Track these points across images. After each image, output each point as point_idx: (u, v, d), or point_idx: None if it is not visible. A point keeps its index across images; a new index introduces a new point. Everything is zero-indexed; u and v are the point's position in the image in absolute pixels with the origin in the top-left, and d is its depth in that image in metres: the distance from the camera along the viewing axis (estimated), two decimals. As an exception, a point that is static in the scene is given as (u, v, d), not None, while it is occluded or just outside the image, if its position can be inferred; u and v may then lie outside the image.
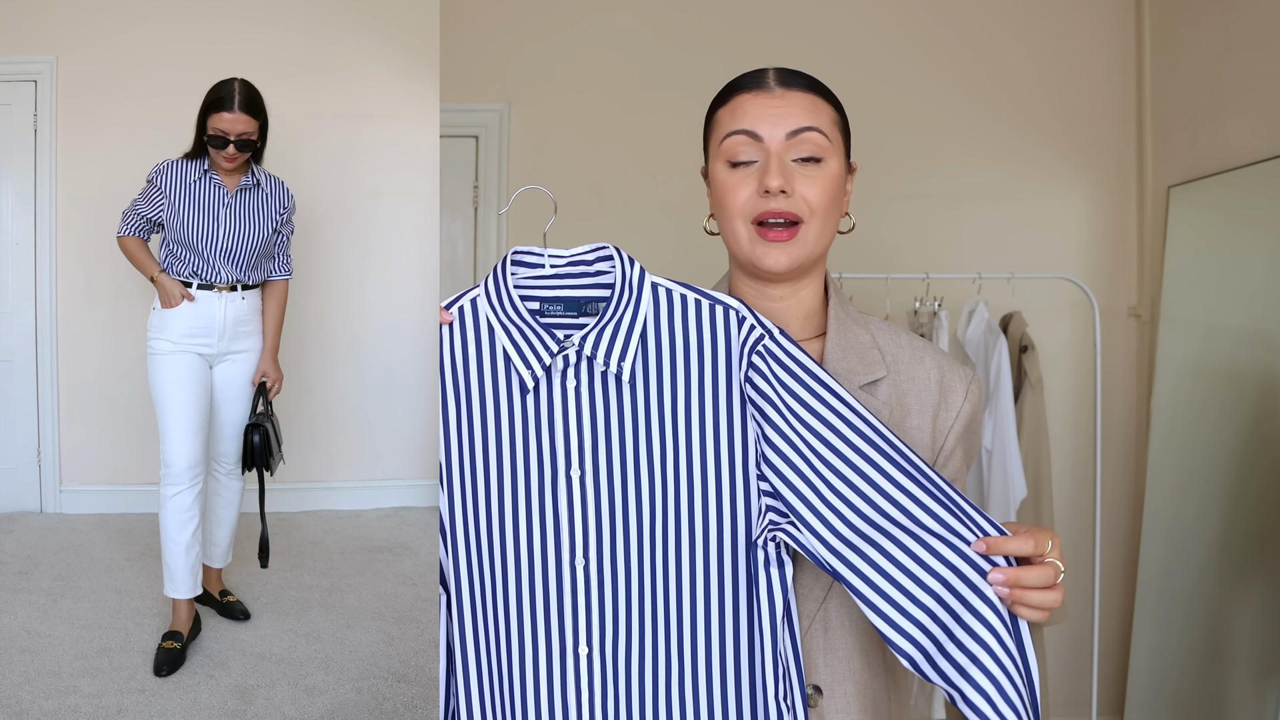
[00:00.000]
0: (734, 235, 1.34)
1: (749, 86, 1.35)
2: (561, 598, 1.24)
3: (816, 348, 1.39)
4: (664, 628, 1.24)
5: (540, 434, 1.26)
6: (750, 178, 1.32)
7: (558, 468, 1.25)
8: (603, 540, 1.24)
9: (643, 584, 1.24)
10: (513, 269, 1.32)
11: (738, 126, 1.32)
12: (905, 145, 3.63)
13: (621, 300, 1.26)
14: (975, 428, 1.41)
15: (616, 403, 1.26)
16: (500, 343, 1.28)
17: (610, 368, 1.24)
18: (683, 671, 1.24)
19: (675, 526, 1.24)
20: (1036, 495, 3.15)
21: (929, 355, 1.40)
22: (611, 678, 1.24)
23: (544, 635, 1.25)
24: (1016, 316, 3.22)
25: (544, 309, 1.33)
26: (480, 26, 3.66)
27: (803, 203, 1.30)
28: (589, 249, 1.32)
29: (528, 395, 1.26)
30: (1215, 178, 3.25)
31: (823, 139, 1.31)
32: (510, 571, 1.25)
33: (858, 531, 1.15)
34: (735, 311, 1.26)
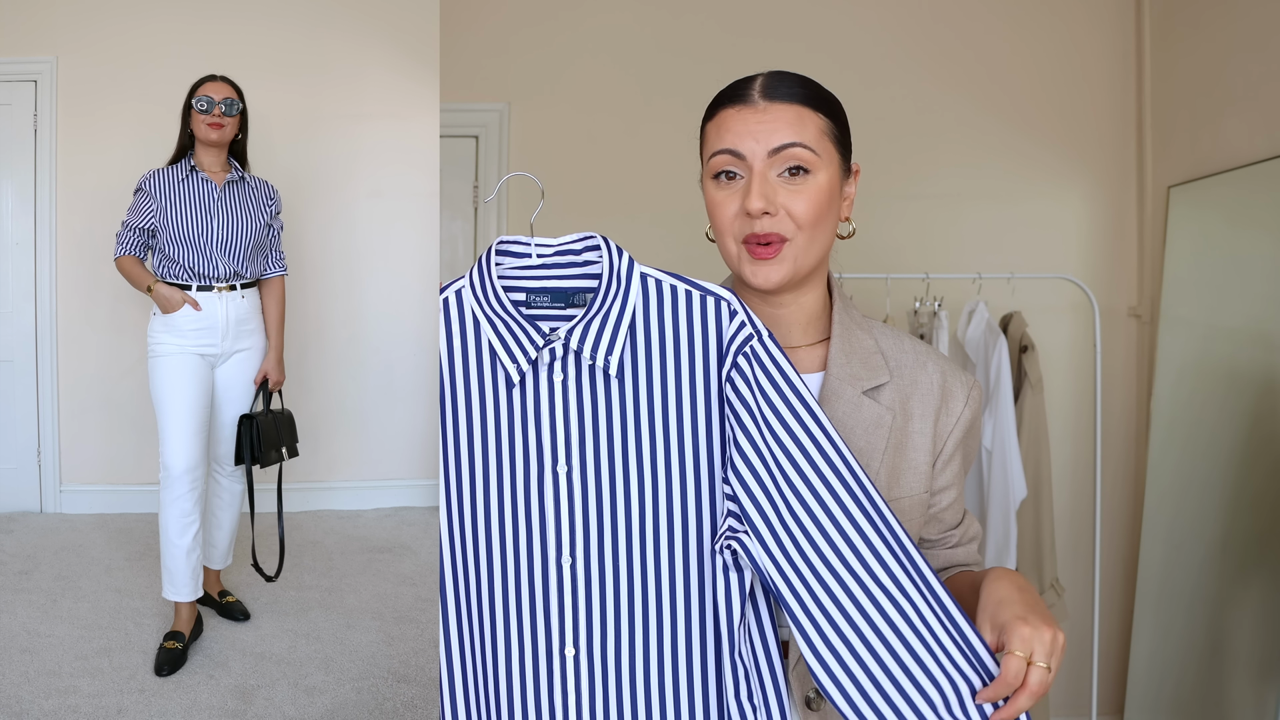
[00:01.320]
0: (726, 251, 1.34)
1: (733, 101, 1.32)
2: (548, 596, 1.22)
3: (820, 353, 1.38)
4: (650, 627, 1.22)
5: (527, 429, 1.23)
6: (735, 195, 1.30)
7: (544, 463, 1.23)
8: (589, 539, 1.22)
9: (631, 583, 1.22)
10: (498, 259, 1.29)
11: (721, 145, 1.31)
12: (905, 145, 3.62)
13: (609, 292, 1.24)
14: (975, 433, 1.41)
15: (605, 396, 1.23)
16: (486, 335, 1.25)
17: (597, 362, 1.22)
18: (662, 670, 1.23)
19: (662, 524, 1.22)
20: (1036, 495, 3.14)
21: (931, 360, 1.39)
22: (600, 677, 1.23)
23: (529, 634, 1.23)
24: (1016, 316, 3.22)
25: (530, 300, 1.29)
26: (480, 26, 3.66)
27: (787, 220, 1.28)
28: (577, 238, 1.28)
29: (514, 389, 1.24)
30: (1215, 178, 3.25)
31: (807, 153, 1.28)
32: (496, 569, 1.23)
33: (805, 559, 1.14)
34: (727, 304, 1.24)
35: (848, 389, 1.33)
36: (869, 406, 1.33)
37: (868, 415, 1.33)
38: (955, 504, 1.40)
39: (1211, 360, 3.17)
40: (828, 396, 1.33)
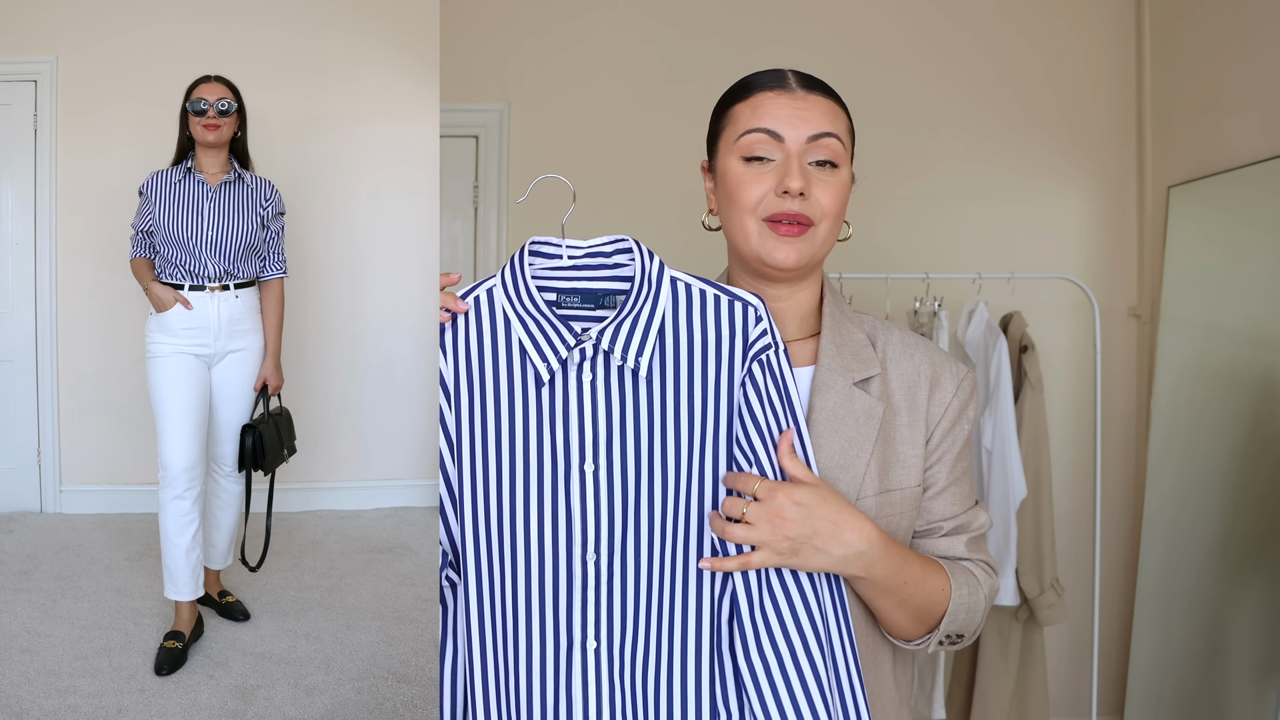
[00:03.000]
0: (741, 230, 1.33)
1: (771, 85, 1.34)
2: (571, 593, 1.24)
3: (812, 346, 1.39)
4: (676, 624, 1.24)
5: (555, 428, 1.25)
6: (767, 176, 1.31)
7: (571, 462, 1.24)
8: (614, 536, 1.24)
9: (651, 581, 1.24)
10: (530, 259, 1.31)
11: (759, 124, 1.32)
12: (906, 145, 3.62)
13: (640, 294, 1.26)
14: (966, 424, 1.40)
15: (633, 398, 1.25)
16: (516, 334, 1.26)
17: (628, 362, 1.24)
18: (686, 667, 1.24)
19: (685, 523, 1.24)
20: (1036, 495, 3.14)
21: (919, 350, 1.39)
22: (620, 672, 1.24)
23: (553, 629, 1.24)
24: (1016, 316, 3.22)
25: (561, 300, 1.31)
26: (480, 26, 3.66)
27: (817, 206, 1.31)
28: (607, 241, 1.31)
29: (543, 388, 1.25)
30: (1215, 178, 3.25)
31: (840, 146, 1.32)
32: (520, 565, 1.24)
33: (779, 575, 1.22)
34: (754, 309, 1.27)
35: (839, 380, 1.34)
36: (860, 398, 1.34)
37: (859, 406, 1.33)
38: (949, 493, 1.38)
39: (1212, 361, 3.17)
40: (819, 388, 1.34)
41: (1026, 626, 3.21)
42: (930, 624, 1.33)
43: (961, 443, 1.39)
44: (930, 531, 1.38)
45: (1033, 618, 3.17)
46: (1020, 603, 3.14)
